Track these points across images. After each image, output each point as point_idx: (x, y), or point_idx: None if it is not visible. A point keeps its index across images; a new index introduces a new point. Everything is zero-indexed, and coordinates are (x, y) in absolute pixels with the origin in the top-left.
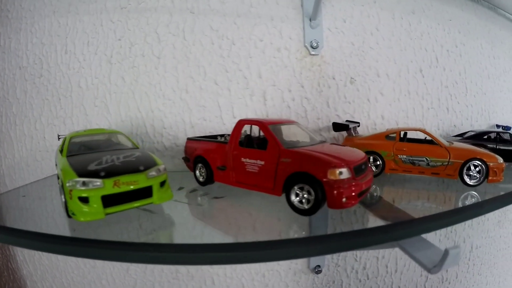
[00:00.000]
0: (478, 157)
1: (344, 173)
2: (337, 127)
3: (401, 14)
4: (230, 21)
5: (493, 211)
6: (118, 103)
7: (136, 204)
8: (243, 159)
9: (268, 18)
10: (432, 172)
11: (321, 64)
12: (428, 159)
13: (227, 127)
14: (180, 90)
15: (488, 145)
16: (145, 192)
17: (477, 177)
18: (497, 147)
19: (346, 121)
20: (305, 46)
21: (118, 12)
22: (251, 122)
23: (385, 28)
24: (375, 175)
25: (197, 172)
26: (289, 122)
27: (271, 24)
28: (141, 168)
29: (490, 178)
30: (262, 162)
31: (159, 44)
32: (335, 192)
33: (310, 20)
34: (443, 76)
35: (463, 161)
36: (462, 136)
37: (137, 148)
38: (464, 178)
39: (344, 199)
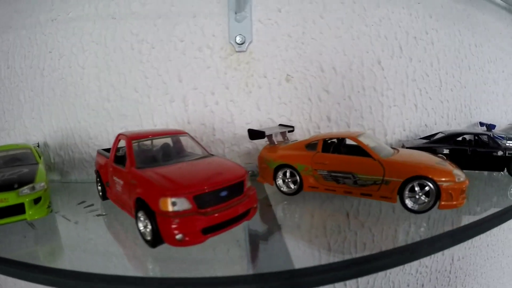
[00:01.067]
0: (423, 174)
1: (178, 203)
2: (253, 134)
3: None
4: (150, 23)
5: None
6: (51, 114)
7: (7, 220)
8: (114, 177)
9: (190, 15)
10: (362, 193)
11: (250, 61)
12: (356, 176)
13: None
14: (103, 99)
15: (463, 148)
16: (18, 209)
17: (424, 201)
18: (470, 151)
19: (279, 125)
20: (230, 43)
21: (49, 25)
22: (121, 136)
23: (332, 15)
24: (292, 194)
25: (99, 187)
26: (177, 133)
27: (193, 22)
28: (15, 186)
29: (442, 202)
30: (121, 182)
31: (83, 53)
32: (167, 227)
33: (235, 13)
34: (410, 68)
35: (402, 180)
36: (429, 139)
37: (37, 163)
38: (406, 202)
39: (179, 236)
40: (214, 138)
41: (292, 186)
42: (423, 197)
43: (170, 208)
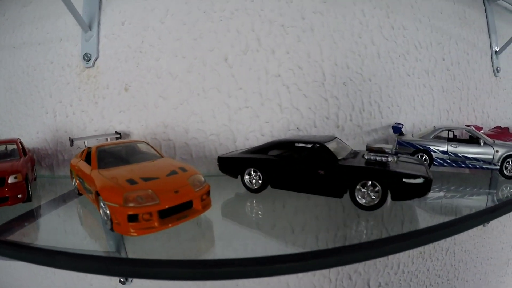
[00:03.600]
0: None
1: None
2: (72, 143)
3: None
4: (32, 49)
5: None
6: None
7: None
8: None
9: (58, 40)
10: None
11: (97, 75)
12: (84, 183)
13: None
14: None
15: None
16: None
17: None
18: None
19: (115, 132)
20: (82, 60)
21: None
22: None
23: (172, 19)
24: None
25: None
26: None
27: (59, 45)
28: None
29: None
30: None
31: None
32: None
33: (85, 32)
34: (272, 63)
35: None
36: None
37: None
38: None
39: None
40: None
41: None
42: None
43: None
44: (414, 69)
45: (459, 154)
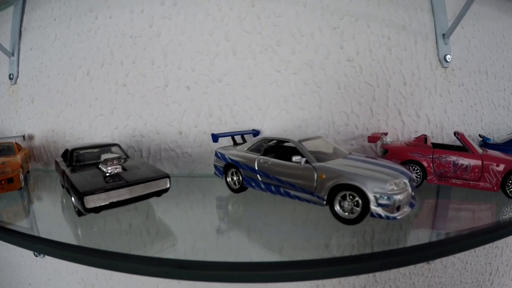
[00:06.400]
0: None
1: None
2: None
3: None
4: None
5: None
6: None
7: None
8: None
9: None
10: None
11: (17, 90)
12: None
13: None
14: None
15: None
16: None
17: None
18: None
19: (23, 136)
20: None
21: None
22: None
23: (58, 43)
24: None
25: None
26: None
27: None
28: None
29: None
30: None
31: None
32: None
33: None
34: (121, 73)
35: None
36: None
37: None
38: None
39: None
40: None
41: None
42: None
43: None
44: (288, 63)
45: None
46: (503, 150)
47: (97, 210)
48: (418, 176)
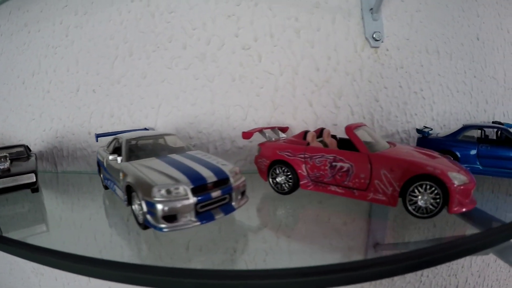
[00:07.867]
0: None
1: None
2: None
3: None
4: None
5: None
6: None
7: None
8: None
9: None
10: None
11: None
12: None
13: None
14: None
15: None
16: None
17: None
18: None
19: None
20: None
21: None
22: None
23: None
24: None
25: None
26: None
27: None
28: None
29: None
30: None
31: None
32: None
33: None
34: (45, 81)
35: None
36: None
37: None
38: None
39: None
40: None
41: None
42: None
43: None
44: (179, 58)
45: None
46: (444, 146)
47: None
48: (290, 180)
